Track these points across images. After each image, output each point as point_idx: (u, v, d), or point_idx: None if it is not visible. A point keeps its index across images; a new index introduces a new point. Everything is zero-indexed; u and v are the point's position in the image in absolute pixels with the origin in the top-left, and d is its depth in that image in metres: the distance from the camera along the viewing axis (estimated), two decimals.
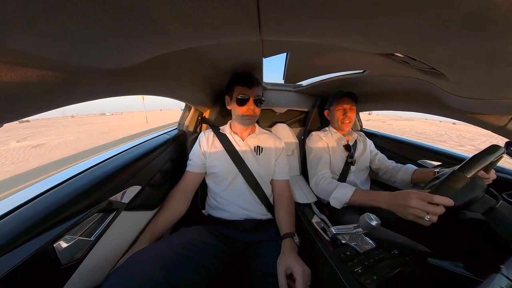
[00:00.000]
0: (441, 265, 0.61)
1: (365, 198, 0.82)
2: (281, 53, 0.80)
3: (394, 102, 1.20)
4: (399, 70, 0.75)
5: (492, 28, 0.29)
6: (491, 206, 0.62)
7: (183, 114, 1.25)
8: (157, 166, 0.85)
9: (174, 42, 0.44)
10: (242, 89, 0.89)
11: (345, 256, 0.69)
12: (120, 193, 0.63)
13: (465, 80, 0.53)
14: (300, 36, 0.45)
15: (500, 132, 0.78)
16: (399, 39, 0.40)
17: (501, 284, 0.44)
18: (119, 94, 0.59)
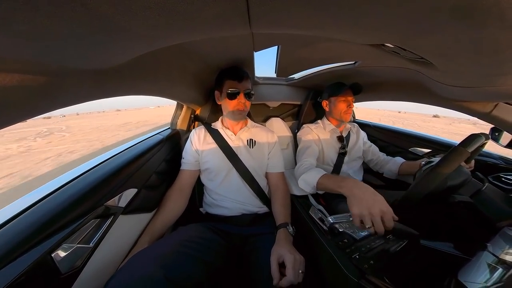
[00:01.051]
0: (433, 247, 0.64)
1: (330, 183, 0.79)
2: (272, 46, 0.79)
3: (385, 92, 1.22)
4: (389, 60, 0.76)
5: (479, 17, 0.30)
6: (478, 189, 0.65)
7: (175, 113, 1.23)
8: (152, 168, 0.84)
9: (160, 39, 0.42)
10: (232, 83, 0.89)
11: (342, 243, 0.72)
12: (116, 197, 0.62)
13: (452, 69, 0.55)
14: (291, 28, 0.44)
15: (486, 118, 0.81)
16: (389, 29, 0.41)
17: (487, 261, 0.47)
18: (106, 95, 0.56)
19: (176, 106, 1.22)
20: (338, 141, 1.18)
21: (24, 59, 0.32)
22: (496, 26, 0.31)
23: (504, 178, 0.73)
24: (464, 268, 0.48)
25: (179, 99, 1.06)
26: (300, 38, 0.70)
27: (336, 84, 1.15)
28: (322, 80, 1.28)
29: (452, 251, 0.63)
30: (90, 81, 0.47)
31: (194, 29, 0.40)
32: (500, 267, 0.43)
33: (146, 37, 0.39)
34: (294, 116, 1.68)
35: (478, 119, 0.86)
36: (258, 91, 1.42)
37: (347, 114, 1.13)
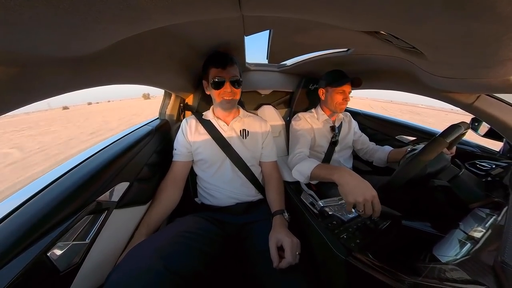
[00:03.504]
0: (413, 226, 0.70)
1: (323, 173, 0.81)
2: (263, 30, 0.76)
3: (376, 81, 1.24)
4: (382, 49, 0.77)
5: (470, 8, 0.31)
6: (455, 174, 0.70)
7: (163, 102, 1.18)
8: (143, 160, 0.82)
9: (144, 21, 0.39)
10: (216, 71, 0.85)
11: (332, 225, 0.76)
12: (108, 192, 0.61)
13: (441, 60, 0.57)
14: (283, 11, 0.43)
15: (468, 109, 0.86)
16: (383, 16, 0.41)
17: (458, 237, 0.52)
18: (86, 85, 0.53)
19: (164, 94, 1.17)
20: (330, 131, 1.21)
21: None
22: (486, 19, 0.32)
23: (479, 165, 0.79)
24: (438, 244, 0.54)
25: (167, 87, 1.01)
26: (292, 22, 0.67)
27: (335, 74, 1.12)
28: (315, 67, 1.27)
29: (429, 230, 0.69)
30: (68, 70, 0.44)
31: (181, 11, 0.38)
32: (468, 243, 0.48)
33: (129, 20, 0.36)
34: (286, 104, 1.67)
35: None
36: (250, 78, 1.38)
37: (342, 105, 1.12)
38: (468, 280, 0.35)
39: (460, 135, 0.74)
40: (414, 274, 0.45)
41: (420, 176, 0.70)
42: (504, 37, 0.34)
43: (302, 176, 0.91)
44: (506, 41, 0.35)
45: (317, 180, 0.91)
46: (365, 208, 0.63)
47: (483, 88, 0.70)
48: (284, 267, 0.63)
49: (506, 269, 0.32)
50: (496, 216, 0.51)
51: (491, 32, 0.35)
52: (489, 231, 0.47)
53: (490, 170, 0.73)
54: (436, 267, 0.43)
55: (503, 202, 0.52)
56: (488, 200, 0.61)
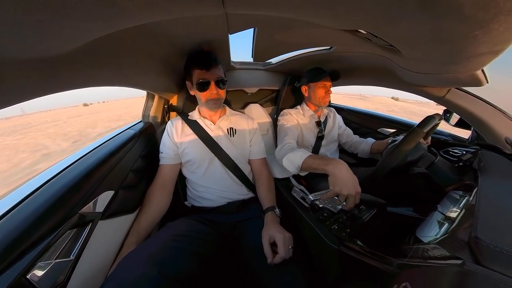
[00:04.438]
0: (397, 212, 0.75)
1: (316, 163, 0.81)
2: (248, 28, 0.75)
3: (358, 77, 1.30)
4: (362, 47, 0.81)
5: (439, 9, 0.34)
6: (432, 161, 0.76)
7: (146, 104, 1.13)
8: (128, 166, 0.78)
9: (121, 19, 0.37)
10: (200, 73, 0.82)
11: (323, 217, 0.79)
12: (91, 203, 0.57)
13: (416, 56, 0.61)
14: (266, 9, 0.43)
15: (440, 101, 0.94)
16: (362, 15, 0.43)
17: (437, 219, 0.57)
18: (59, 89, 0.48)
19: (146, 96, 1.12)
20: (316, 126, 1.25)
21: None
22: (453, 19, 0.35)
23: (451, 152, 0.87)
24: (420, 226, 0.58)
25: (149, 88, 0.97)
26: (276, 21, 0.68)
27: (315, 70, 1.17)
28: (299, 64, 1.30)
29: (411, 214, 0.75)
30: (37, 72, 0.40)
31: (162, 7, 0.36)
32: (446, 223, 0.53)
33: (103, 16, 0.34)
34: (273, 102, 1.69)
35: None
36: (235, 76, 1.37)
37: (325, 99, 1.17)
38: (448, 256, 0.38)
39: (434, 125, 0.80)
40: (401, 256, 0.48)
41: (401, 165, 0.75)
42: (469, 35, 0.38)
43: (292, 165, 0.90)
44: (471, 40, 0.39)
45: (308, 170, 0.92)
46: (347, 201, 0.68)
47: (453, 82, 0.77)
48: (278, 262, 0.64)
49: (479, 243, 0.36)
50: (468, 197, 0.56)
51: (458, 31, 0.38)
52: (463, 211, 0.52)
53: (461, 156, 0.81)
54: (420, 247, 0.47)
55: (473, 184, 0.58)
56: (461, 183, 0.67)
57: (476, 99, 0.86)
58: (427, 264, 0.40)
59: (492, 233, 0.37)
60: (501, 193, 0.50)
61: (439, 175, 0.73)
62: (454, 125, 1.02)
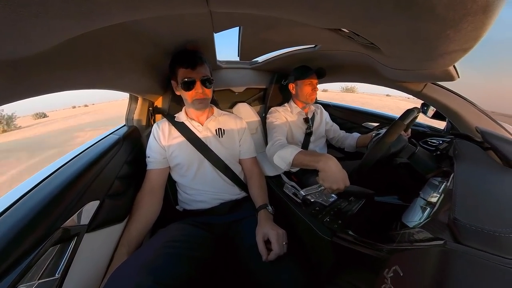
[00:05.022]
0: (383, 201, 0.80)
1: (307, 159, 0.84)
2: (233, 27, 0.75)
3: (342, 74, 1.35)
4: (346, 45, 0.84)
5: (415, 9, 0.37)
6: (412, 152, 0.81)
7: (129, 107, 1.08)
8: (113, 173, 0.75)
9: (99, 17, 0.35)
10: (185, 72, 0.80)
11: (315, 211, 0.82)
12: (75, 215, 0.54)
13: (395, 54, 0.65)
14: (251, 7, 0.43)
15: (418, 96, 1.00)
16: (344, 14, 0.45)
17: (420, 204, 0.62)
18: (29, 94, 0.45)
19: (129, 99, 1.07)
20: (304, 122, 1.28)
21: None
22: (427, 19, 0.38)
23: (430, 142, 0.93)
24: (405, 213, 0.63)
25: (132, 90, 0.93)
26: (261, 19, 0.68)
27: (301, 68, 1.20)
28: (286, 63, 1.32)
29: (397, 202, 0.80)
30: (4, 76, 0.37)
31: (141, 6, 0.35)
32: (428, 207, 0.58)
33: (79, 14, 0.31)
34: (261, 100, 1.69)
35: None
36: (222, 76, 1.37)
37: (312, 96, 1.21)
38: (431, 238, 0.42)
39: (414, 118, 0.85)
40: (390, 242, 0.51)
41: (386, 156, 0.80)
42: (442, 34, 0.41)
43: (283, 162, 0.92)
44: (443, 38, 0.42)
45: (298, 166, 0.94)
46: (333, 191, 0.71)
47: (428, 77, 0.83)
48: (273, 259, 0.65)
49: (457, 223, 0.39)
50: (446, 182, 0.61)
51: (432, 30, 0.42)
52: (442, 195, 0.56)
53: (438, 145, 0.87)
54: (406, 232, 0.51)
55: (450, 170, 0.63)
56: (439, 170, 0.72)
57: (450, 92, 0.93)
58: (414, 247, 0.43)
59: (468, 214, 0.40)
60: (474, 177, 0.55)
61: (420, 164, 0.78)
62: (431, 117, 1.10)
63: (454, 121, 0.97)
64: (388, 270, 0.39)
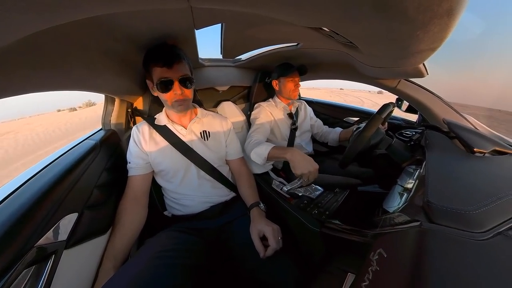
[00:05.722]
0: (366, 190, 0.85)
1: (276, 153, 0.93)
2: (215, 24, 0.72)
3: (323, 72, 1.40)
4: (326, 43, 0.87)
5: (389, 11, 0.40)
6: (389, 143, 0.88)
7: (105, 109, 1.00)
8: (91, 182, 0.70)
9: (66, 9, 0.31)
10: (161, 71, 0.72)
11: (303, 205, 0.85)
12: (51, 231, 0.49)
13: (372, 53, 0.69)
14: (232, 4, 0.42)
15: (393, 91, 1.08)
16: (325, 13, 0.46)
17: (398, 191, 0.67)
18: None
19: (105, 100, 0.99)
20: (289, 118, 1.31)
21: None
22: (400, 20, 0.41)
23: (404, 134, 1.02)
24: (386, 199, 0.68)
25: (107, 91, 0.86)
26: (244, 17, 0.68)
27: (284, 65, 1.23)
28: (269, 60, 1.32)
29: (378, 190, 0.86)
30: None
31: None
32: (405, 193, 0.63)
33: (42, 6, 0.28)
34: (245, 98, 1.68)
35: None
36: (205, 74, 1.33)
37: (295, 92, 1.25)
38: (409, 220, 0.46)
39: (390, 112, 0.92)
40: (373, 227, 0.56)
41: (366, 149, 0.85)
42: (413, 35, 0.45)
43: (259, 157, 0.98)
44: (414, 38, 0.46)
45: (272, 160, 1.02)
46: (309, 177, 0.79)
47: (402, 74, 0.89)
48: (271, 254, 0.66)
49: (431, 205, 0.44)
50: (420, 170, 0.67)
51: (405, 31, 0.45)
52: (417, 181, 0.62)
53: (412, 136, 0.95)
54: (387, 217, 0.55)
55: (422, 159, 0.70)
56: (413, 159, 0.79)
57: (420, 88, 1.02)
58: (395, 230, 0.47)
59: (439, 197, 0.45)
60: (443, 163, 0.61)
61: (396, 154, 0.85)
62: (404, 111, 1.19)
63: (424, 114, 1.06)
64: (374, 253, 0.42)
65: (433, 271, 0.31)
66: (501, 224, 0.37)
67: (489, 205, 0.41)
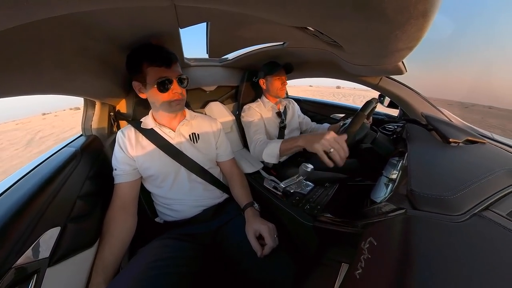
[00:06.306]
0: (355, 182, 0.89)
1: (289, 145, 0.93)
2: (200, 22, 0.71)
3: (309, 70, 1.43)
4: (312, 42, 0.90)
5: (369, 12, 0.42)
6: (374, 137, 0.92)
7: (85, 113, 0.94)
8: (73, 192, 0.65)
9: (35, 6, 0.29)
10: (160, 71, 0.71)
11: (296, 201, 0.87)
12: (30, 249, 0.46)
13: (355, 51, 0.72)
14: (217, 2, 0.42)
15: (375, 88, 1.14)
16: (309, 13, 0.47)
17: (383, 182, 0.71)
18: None
19: (84, 104, 0.93)
20: (277, 116, 1.33)
21: None
22: (380, 20, 0.43)
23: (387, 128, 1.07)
24: (373, 191, 0.71)
25: (86, 94, 0.81)
26: (229, 15, 0.67)
27: (270, 64, 1.24)
28: (256, 60, 1.33)
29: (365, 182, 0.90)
30: None
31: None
32: (390, 183, 0.67)
33: (5, 1, 0.26)
34: (233, 98, 1.67)
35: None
36: (191, 74, 1.30)
37: (282, 90, 1.26)
38: (395, 209, 0.49)
39: (373, 108, 0.97)
40: (363, 218, 0.59)
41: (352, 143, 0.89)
42: (392, 34, 0.47)
43: (272, 157, 1.00)
44: (393, 38, 0.49)
45: (286, 154, 1.02)
46: (335, 146, 0.73)
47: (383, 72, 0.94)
48: (268, 253, 0.67)
49: (413, 193, 0.47)
50: (403, 161, 0.72)
51: (384, 30, 0.48)
52: (400, 172, 0.66)
53: (394, 130, 1.01)
54: (375, 207, 0.58)
55: (404, 150, 0.74)
56: (396, 151, 0.84)
57: (400, 84, 1.08)
58: (382, 218, 0.50)
59: (421, 185, 0.48)
60: (422, 154, 0.65)
61: (381, 147, 0.90)
62: (386, 106, 1.25)
63: (404, 109, 1.13)
64: (365, 242, 0.45)
65: (419, 253, 0.33)
66: (475, 206, 0.41)
67: (464, 190, 0.45)
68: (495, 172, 0.50)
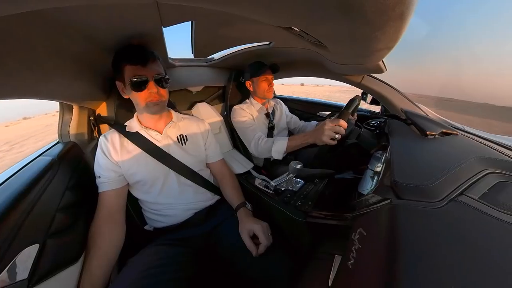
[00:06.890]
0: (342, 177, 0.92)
1: (298, 142, 1.03)
2: (184, 21, 0.69)
3: (294, 70, 1.46)
4: (297, 42, 0.92)
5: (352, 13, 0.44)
6: (359, 133, 0.97)
7: (61, 119, 0.87)
8: (51, 205, 0.60)
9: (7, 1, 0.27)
10: (134, 69, 0.68)
11: (287, 198, 0.88)
12: (5, 271, 0.42)
13: (339, 51, 0.75)
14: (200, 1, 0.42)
15: (358, 86, 1.19)
16: (294, 14, 0.49)
17: (369, 174, 0.75)
18: None
19: (60, 108, 0.87)
20: (266, 117, 1.34)
21: None
22: (361, 21, 0.46)
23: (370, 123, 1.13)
24: (360, 183, 0.75)
25: (62, 97, 0.75)
26: (214, 14, 0.66)
27: (256, 65, 1.23)
28: (242, 59, 1.32)
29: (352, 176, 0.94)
30: None
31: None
32: (376, 176, 0.70)
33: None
34: (220, 99, 1.64)
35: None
36: (176, 75, 1.26)
37: (269, 92, 1.26)
38: (381, 199, 0.52)
39: (357, 105, 1.01)
40: (352, 210, 0.61)
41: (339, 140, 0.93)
42: (372, 35, 0.50)
43: (279, 153, 1.07)
44: (374, 38, 0.52)
45: (292, 150, 1.08)
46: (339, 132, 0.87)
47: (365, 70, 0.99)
48: (263, 252, 0.67)
49: (397, 184, 0.50)
50: (386, 154, 0.76)
51: (365, 31, 0.50)
52: (384, 165, 0.70)
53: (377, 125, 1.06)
54: (363, 199, 0.61)
55: (387, 144, 0.79)
56: (380, 145, 0.88)
57: (381, 82, 1.14)
58: (370, 209, 0.53)
59: (403, 175, 0.52)
60: (403, 147, 0.70)
61: (365, 142, 0.94)
62: (369, 103, 1.32)
63: (386, 105, 1.19)
64: (355, 233, 0.47)
65: (404, 239, 0.36)
66: (451, 192, 0.45)
67: (441, 178, 0.48)
68: (468, 160, 0.55)
